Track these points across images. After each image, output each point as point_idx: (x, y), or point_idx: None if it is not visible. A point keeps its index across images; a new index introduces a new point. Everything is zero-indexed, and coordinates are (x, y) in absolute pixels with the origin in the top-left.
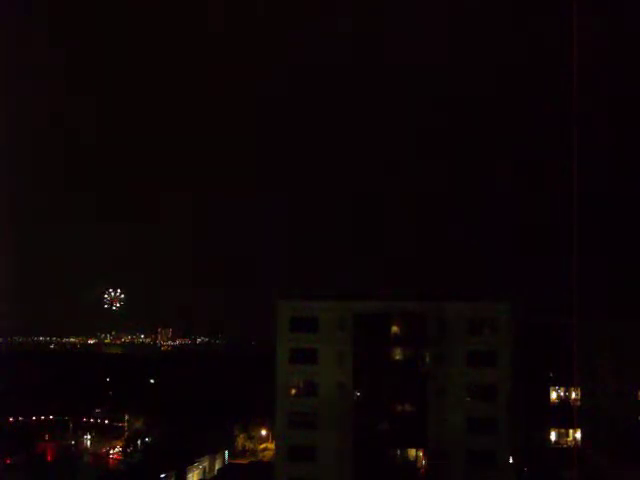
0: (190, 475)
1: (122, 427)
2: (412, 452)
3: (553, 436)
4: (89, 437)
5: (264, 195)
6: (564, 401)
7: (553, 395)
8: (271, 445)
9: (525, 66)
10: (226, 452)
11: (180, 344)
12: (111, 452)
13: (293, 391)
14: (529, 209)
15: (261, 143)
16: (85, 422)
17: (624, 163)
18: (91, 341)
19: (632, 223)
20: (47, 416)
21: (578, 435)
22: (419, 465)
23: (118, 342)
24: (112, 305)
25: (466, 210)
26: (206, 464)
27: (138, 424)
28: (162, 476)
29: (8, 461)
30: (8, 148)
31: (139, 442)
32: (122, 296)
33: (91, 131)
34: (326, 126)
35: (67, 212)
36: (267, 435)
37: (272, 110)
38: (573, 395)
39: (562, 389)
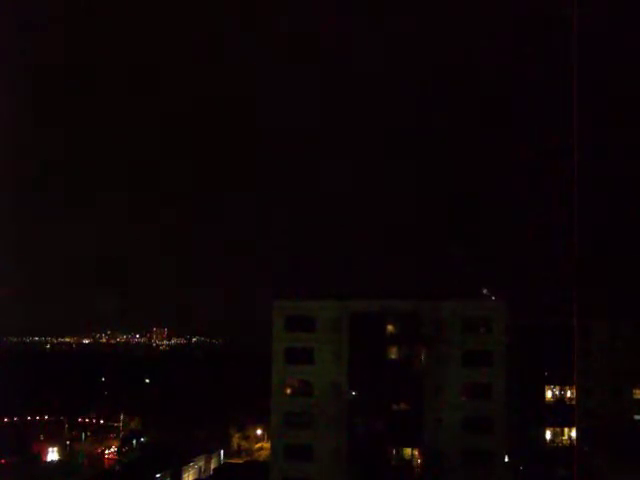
0: (186, 475)
1: (117, 427)
2: (408, 451)
3: (548, 435)
4: (84, 437)
5: (263, 194)
6: (559, 400)
7: (548, 394)
8: (266, 444)
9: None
10: (222, 451)
11: (175, 343)
12: (106, 452)
13: (289, 390)
14: (528, 208)
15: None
16: (80, 422)
17: (625, 163)
18: (86, 341)
19: (632, 222)
20: (42, 416)
21: (573, 434)
22: (414, 464)
23: (113, 342)
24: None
25: (464, 209)
26: (202, 464)
27: (133, 424)
28: (158, 476)
29: (3, 461)
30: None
31: (134, 442)
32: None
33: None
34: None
35: (65, 212)
36: (262, 434)
37: None
38: (568, 394)
39: (557, 388)
